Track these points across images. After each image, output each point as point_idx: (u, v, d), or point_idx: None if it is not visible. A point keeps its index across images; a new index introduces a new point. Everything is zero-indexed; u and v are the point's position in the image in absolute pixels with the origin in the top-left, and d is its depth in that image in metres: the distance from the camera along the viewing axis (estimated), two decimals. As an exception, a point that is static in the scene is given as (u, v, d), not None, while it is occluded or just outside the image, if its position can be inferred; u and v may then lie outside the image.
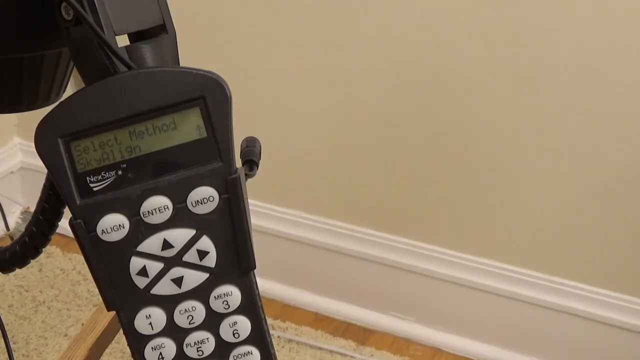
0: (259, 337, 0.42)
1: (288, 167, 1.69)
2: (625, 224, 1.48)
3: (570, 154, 1.48)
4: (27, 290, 1.70)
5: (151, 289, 0.40)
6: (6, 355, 0.67)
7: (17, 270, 0.47)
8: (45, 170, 0.40)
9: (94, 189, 0.39)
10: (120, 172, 0.39)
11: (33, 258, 0.47)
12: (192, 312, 0.41)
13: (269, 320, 0.77)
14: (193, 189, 0.40)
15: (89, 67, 0.41)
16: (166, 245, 0.40)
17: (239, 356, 0.42)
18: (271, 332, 0.62)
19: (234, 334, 0.41)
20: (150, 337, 0.41)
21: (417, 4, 1.49)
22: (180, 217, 0.40)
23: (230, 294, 0.41)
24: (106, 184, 0.39)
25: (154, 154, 0.39)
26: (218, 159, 0.40)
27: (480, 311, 1.64)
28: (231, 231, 0.40)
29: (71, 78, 0.52)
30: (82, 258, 0.40)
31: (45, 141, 0.39)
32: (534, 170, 1.51)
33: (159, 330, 0.41)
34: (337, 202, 1.69)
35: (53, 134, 0.39)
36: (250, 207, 0.41)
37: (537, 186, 1.52)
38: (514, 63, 1.46)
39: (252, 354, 0.42)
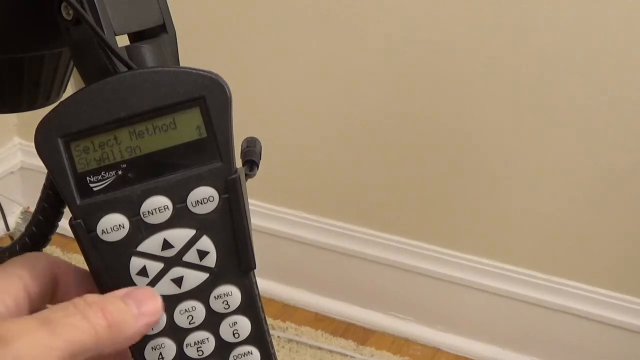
0: (259, 337, 0.42)
1: (288, 167, 1.69)
2: (625, 224, 1.48)
3: (571, 155, 1.48)
4: (27, 290, 1.70)
5: (151, 289, 0.40)
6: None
7: (17, 271, 0.47)
8: (45, 170, 0.40)
9: (94, 189, 0.39)
10: (120, 172, 0.39)
11: (33, 258, 0.47)
12: (192, 312, 0.41)
13: (269, 320, 0.77)
14: (193, 189, 0.40)
15: (89, 67, 0.41)
16: (166, 245, 0.40)
17: (239, 356, 0.42)
18: (271, 332, 0.62)
19: (234, 334, 0.41)
20: (150, 337, 0.41)
21: (418, 6, 1.49)
22: (180, 217, 0.40)
23: (230, 294, 0.41)
24: (106, 184, 0.39)
25: (154, 154, 0.39)
26: (218, 159, 0.40)
27: (480, 311, 1.64)
28: (231, 231, 0.40)
29: (71, 78, 0.52)
30: (82, 258, 0.40)
31: (45, 141, 0.39)
32: (534, 171, 1.51)
33: (158, 330, 0.41)
34: (337, 202, 1.69)
35: (53, 134, 0.39)
36: (250, 207, 0.41)
37: (537, 186, 1.52)
38: (514, 65, 1.46)
39: (252, 354, 0.42)
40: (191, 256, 0.40)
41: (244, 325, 0.41)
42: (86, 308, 0.37)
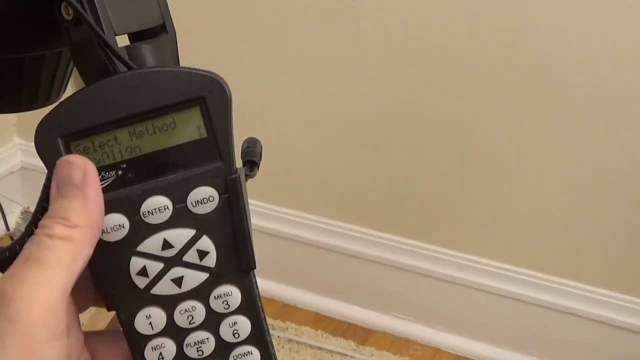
0: (259, 337, 0.42)
1: (288, 167, 1.69)
2: (625, 224, 1.48)
3: (571, 154, 1.48)
4: (27, 290, 1.70)
5: (151, 289, 0.40)
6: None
7: (17, 271, 0.47)
8: (45, 170, 0.40)
9: (94, 189, 0.39)
10: (120, 172, 0.39)
11: (33, 258, 0.47)
12: (192, 312, 0.41)
13: (269, 320, 0.77)
14: (193, 189, 0.40)
15: (89, 67, 0.41)
16: (166, 245, 0.40)
17: (239, 356, 0.42)
18: (271, 332, 0.62)
19: (234, 334, 0.41)
20: (150, 337, 0.41)
21: (418, 6, 1.49)
22: (180, 217, 0.40)
23: (230, 294, 0.41)
24: (106, 184, 0.39)
25: (154, 154, 0.39)
26: (218, 159, 0.40)
27: (480, 311, 1.64)
28: (231, 231, 0.40)
29: (71, 78, 0.52)
30: (81, 258, 0.40)
31: (45, 141, 0.39)
32: (534, 171, 1.51)
33: (159, 330, 0.41)
34: (337, 202, 1.69)
35: (53, 134, 0.39)
36: (250, 207, 0.41)
37: (537, 186, 1.52)
38: (515, 65, 1.46)
39: (252, 354, 0.42)
40: (191, 256, 0.40)
41: (244, 325, 0.41)
42: (47, 225, 0.37)
